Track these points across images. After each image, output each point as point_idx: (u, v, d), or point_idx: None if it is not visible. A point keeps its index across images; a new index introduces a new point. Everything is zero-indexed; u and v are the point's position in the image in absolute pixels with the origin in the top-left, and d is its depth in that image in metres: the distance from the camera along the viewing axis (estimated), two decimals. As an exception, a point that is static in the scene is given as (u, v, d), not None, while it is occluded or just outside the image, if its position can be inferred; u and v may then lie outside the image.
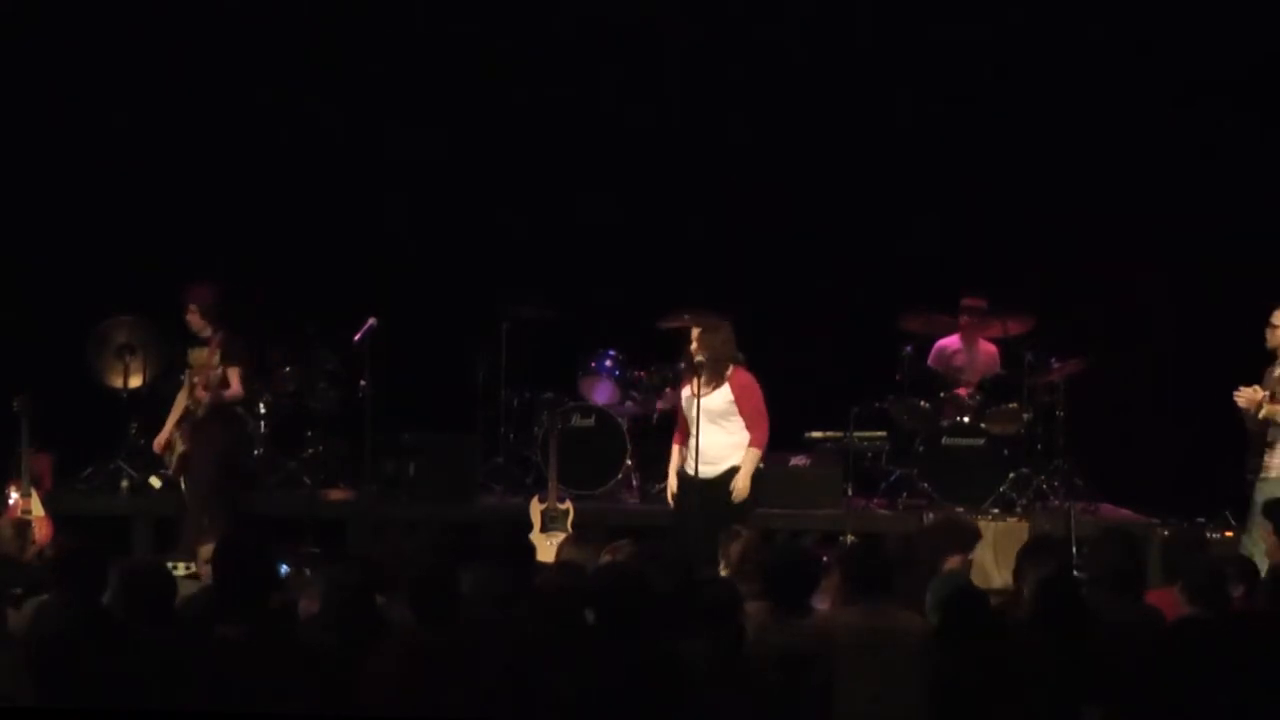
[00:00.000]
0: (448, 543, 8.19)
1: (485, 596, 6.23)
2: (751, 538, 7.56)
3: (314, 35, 11.71)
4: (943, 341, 11.69)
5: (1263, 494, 8.95)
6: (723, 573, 7.45)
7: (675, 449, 9.10)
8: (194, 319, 9.92)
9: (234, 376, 9.89)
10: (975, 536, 7.69)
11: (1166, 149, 11.50)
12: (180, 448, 9.85)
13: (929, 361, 11.56)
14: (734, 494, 8.79)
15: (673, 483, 9.12)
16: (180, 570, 8.78)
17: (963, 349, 11.62)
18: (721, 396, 8.85)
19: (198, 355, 9.92)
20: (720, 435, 8.86)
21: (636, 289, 11.59)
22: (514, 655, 5.81)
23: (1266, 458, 9.12)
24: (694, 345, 8.93)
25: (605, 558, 7.02)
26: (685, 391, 9.02)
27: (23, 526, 8.28)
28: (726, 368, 8.90)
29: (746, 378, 8.92)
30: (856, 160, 11.82)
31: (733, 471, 8.86)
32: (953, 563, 7.38)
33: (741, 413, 8.87)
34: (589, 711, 5.53)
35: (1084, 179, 11.69)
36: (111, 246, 11.36)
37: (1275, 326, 9.26)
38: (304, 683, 5.75)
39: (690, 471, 8.86)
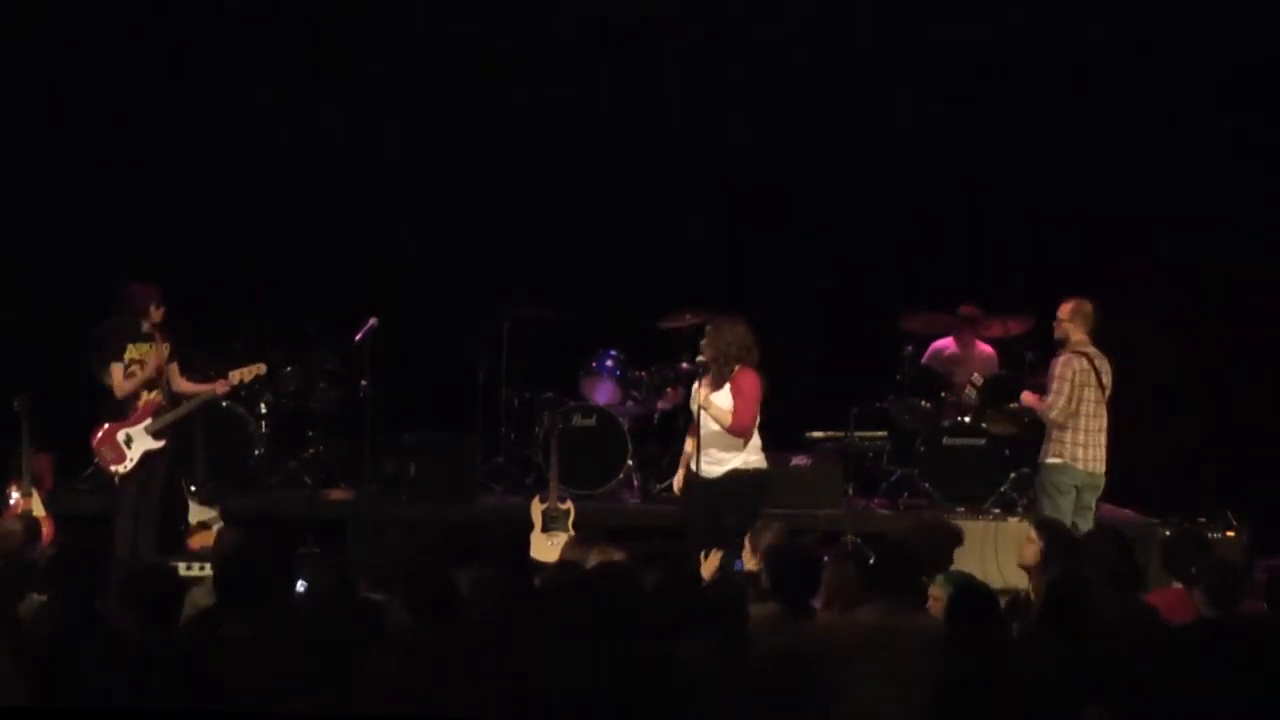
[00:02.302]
0: (445, 543, 8.20)
1: (484, 597, 6.23)
2: (782, 530, 7.54)
3: (314, 35, 11.70)
4: (938, 343, 11.69)
5: (1038, 479, 9.53)
6: (750, 565, 7.45)
7: (689, 443, 9.03)
8: (158, 315, 9.59)
9: (176, 374, 9.71)
10: (956, 541, 7.67)
11: (1166, 149, 11.49)
12: (153, 444, 9.52)
13: (923, 360, 11.56)
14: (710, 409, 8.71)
15: (678, 480, 9.11)
16: (195, 570, 8.78)
17: (958, 351, 11.62)
18: (723, 397, 8.81)
19: (145, 351, 9.57)
20: (723, 436, 8.80)
21: (637, 289, 11.58)
22: (513, 655, 5.80)
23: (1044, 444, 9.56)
24: (703, 344, 8.91)
25: (596, 558, 6.99)
26: (695, 388, 8.98)
27: (31, 526, 8.25)
28: (732, 368, 8.83)
29: (748, 379, 8.79)
30: (856, 160, 11.81)
31: (734, 473, 8.80)
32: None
33: (735, 407, 8.81)
34: (588, 712, 5.53)
35: (1084, 179, 11.68)
36: (111, 247, 11.35)
37: (1061, 320, 9.52)
38: (307, 682, 5.75)
39: (695, 470, 8.82)
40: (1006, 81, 11.57)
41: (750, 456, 8.83)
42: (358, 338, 10.92)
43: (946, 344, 11.66)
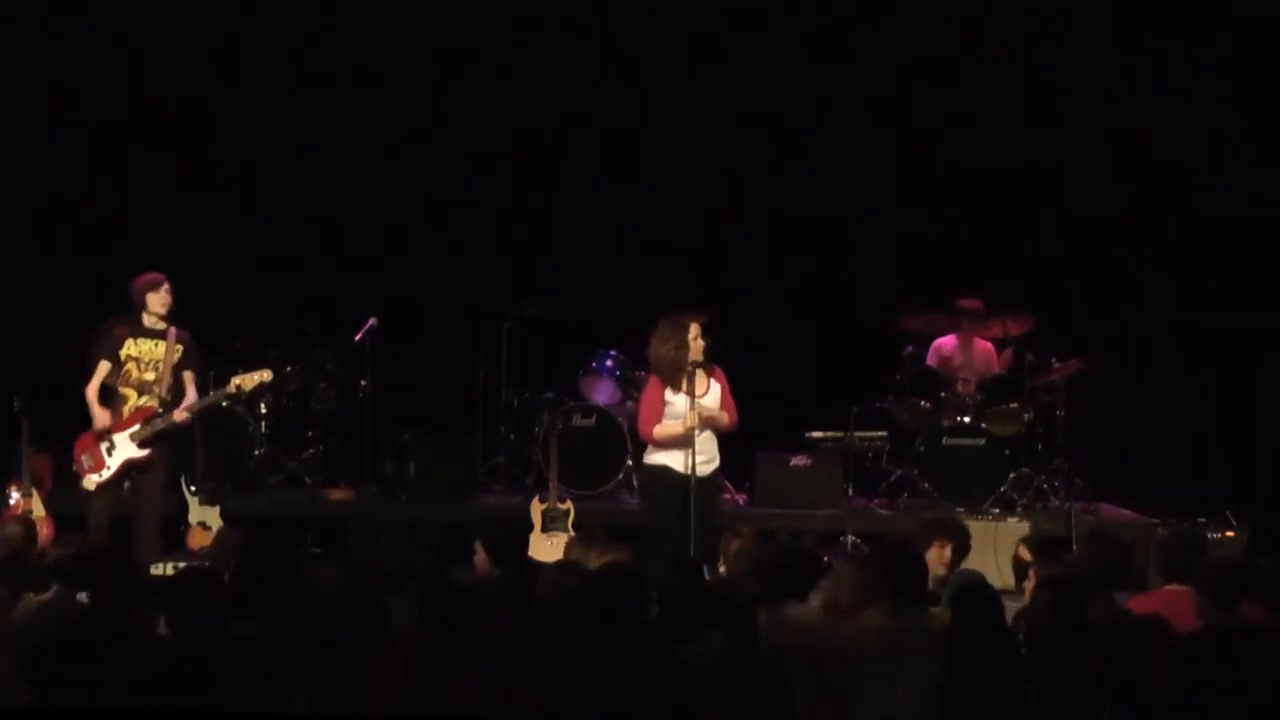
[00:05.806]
0: (449, 543, 8.19)
1: (485, 597, 6.23)
2: (750, 536, 7.56)
3: (315, 34, 11.69)
4: (939, 341, 11.70)
5: None
6: (720, 570, 7.47)
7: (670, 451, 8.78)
8: (158, 306, 9.07)
9: (191, 383, 9.26)
10: (963, 532, 7.69)
11: (1167, 147, 11.50)
12: (136, 453, 9.01)
13: (927, 360, 11.57)
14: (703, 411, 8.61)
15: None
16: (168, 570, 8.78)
17: (959, 348, 11.63)
18: (714, 394, 8.74)
19: (147, 348, 9.17)
20: (711, 433, 8.73)
21: (636, 289, 11.57)
22: (518, 655, 5.80)
23: None
24: (698, 343, 8.83)
25: (599, 558, 7.00)
26: (668, 392, 8.75)
27: (30, 526, 8.20)
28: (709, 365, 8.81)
29: (721, 371, 8.84)
30: (857, 160, 11.82)
31: (720, 469, 8.82)
32: (935, 553, 7.41)
33: (725, 405, 8.78)
34: (593, 712, 5.52)
35: (1085, 178, 11.70)
36: (112, 246, 11.34)
37: None
38: (314, 681, 5.75)
39: (685, 471, 8.63)
40: (1007, 81, 11.57)
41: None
42: (358, 338, 10.93)
43: (948, 341, 11.67)
